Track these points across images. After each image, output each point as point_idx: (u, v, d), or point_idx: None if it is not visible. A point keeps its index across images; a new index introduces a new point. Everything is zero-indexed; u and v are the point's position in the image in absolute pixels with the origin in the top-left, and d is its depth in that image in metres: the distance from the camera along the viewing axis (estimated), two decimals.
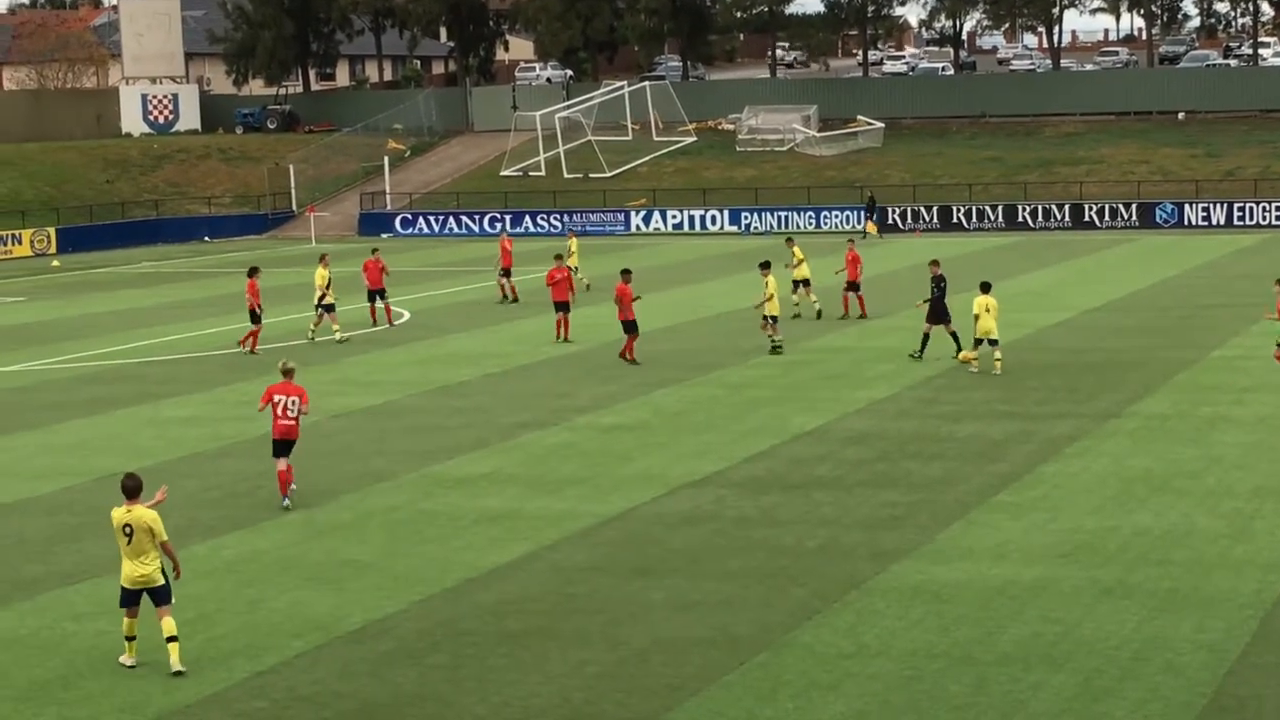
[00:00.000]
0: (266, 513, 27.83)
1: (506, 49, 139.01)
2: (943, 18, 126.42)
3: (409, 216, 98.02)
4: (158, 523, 20.40)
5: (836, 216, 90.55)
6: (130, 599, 20.36)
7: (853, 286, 51.20)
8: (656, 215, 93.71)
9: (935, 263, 43.26)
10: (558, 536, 25.84)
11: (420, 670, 19.92)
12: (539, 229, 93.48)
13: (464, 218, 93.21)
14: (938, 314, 42.11)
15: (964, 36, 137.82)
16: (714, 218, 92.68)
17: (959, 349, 41.42)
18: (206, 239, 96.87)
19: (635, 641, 20.66)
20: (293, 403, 28.02)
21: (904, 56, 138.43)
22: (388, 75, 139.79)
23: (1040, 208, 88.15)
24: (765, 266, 44.58)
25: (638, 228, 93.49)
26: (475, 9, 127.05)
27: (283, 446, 28.22)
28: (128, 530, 20.34)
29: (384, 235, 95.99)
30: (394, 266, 59.04)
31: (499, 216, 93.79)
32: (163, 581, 20.32)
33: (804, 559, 24.18)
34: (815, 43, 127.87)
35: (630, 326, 43.35)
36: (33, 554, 25.78)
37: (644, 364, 42.75)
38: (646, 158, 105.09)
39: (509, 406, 37.50)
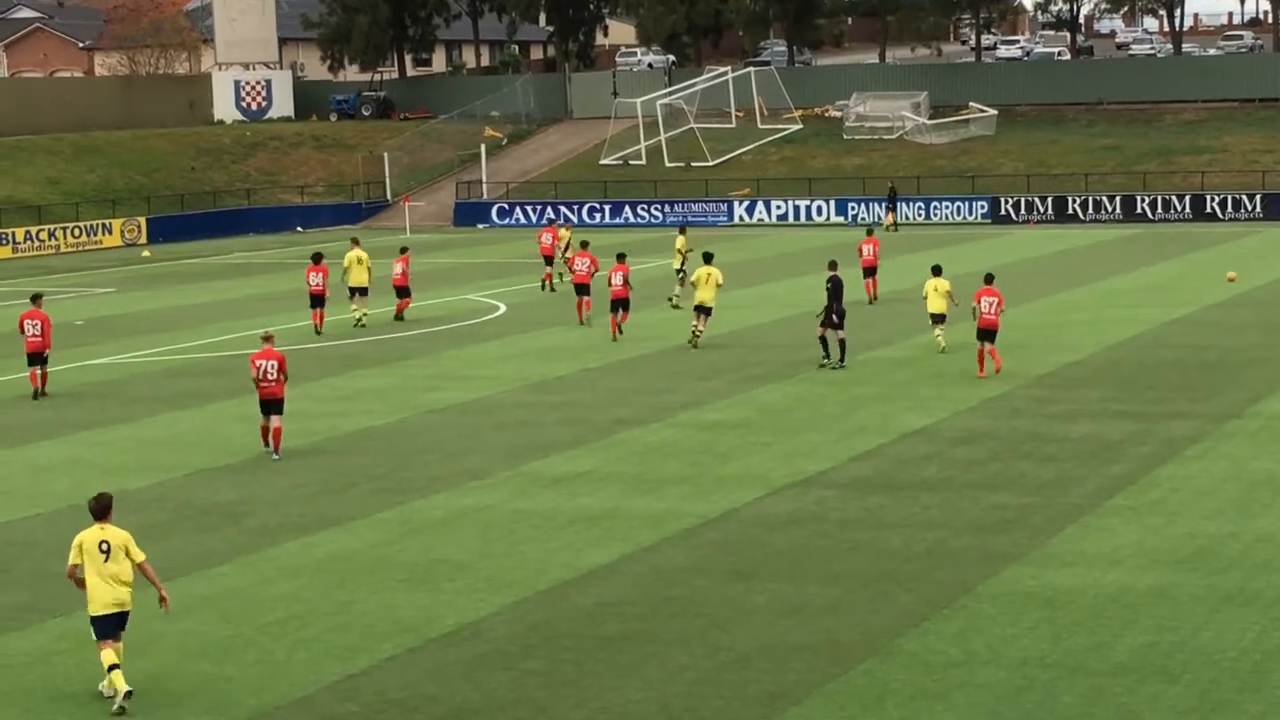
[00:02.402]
0: (360, 510, 28.01)
1: (607, 34, 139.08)
2: (1059, 1, 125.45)
3: (505, 206, 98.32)
4: (132, 541, 19.80)
5: (947, 207, 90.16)
6: (107, 628, 19.47)
7: (871, 271, 54.19)
8: (760, 205, 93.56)
9: (833, 264, 42.77)
10: (657, 538, 25.87)
11: (514, 675, 19.99)
12: (639, 219, 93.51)
13: (562, 208, 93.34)
14: (832, 318, 41.18)
15: (1081, 20, 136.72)
16: (820, 208, 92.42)
17: (841, 359, 41.17)
18: (299, 229, 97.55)
19: (736, 647, 20.66)
20: (272, 366, 32.39)
21: (1018, 41, 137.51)
22: (485, 61, 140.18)
23: (1160, 199, 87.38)
24: (707, 259, 45.99)
25: (741, 218, 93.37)
26: None
27: (269, 405, 32.45)
28: (104, 547, 19.62)
29: (480, 225, 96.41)
30: (490, 257, 59.28)
31: (598, 206, 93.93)
32: (130, 608, 19.72)
33: (911, 563, 24.10)
34: (926, 27, 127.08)
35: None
36: None
37: (748, 360, 42.72)
38: (750, 146, 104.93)
39: (607, 403, 37.58)
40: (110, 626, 19.48)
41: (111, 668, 19.28)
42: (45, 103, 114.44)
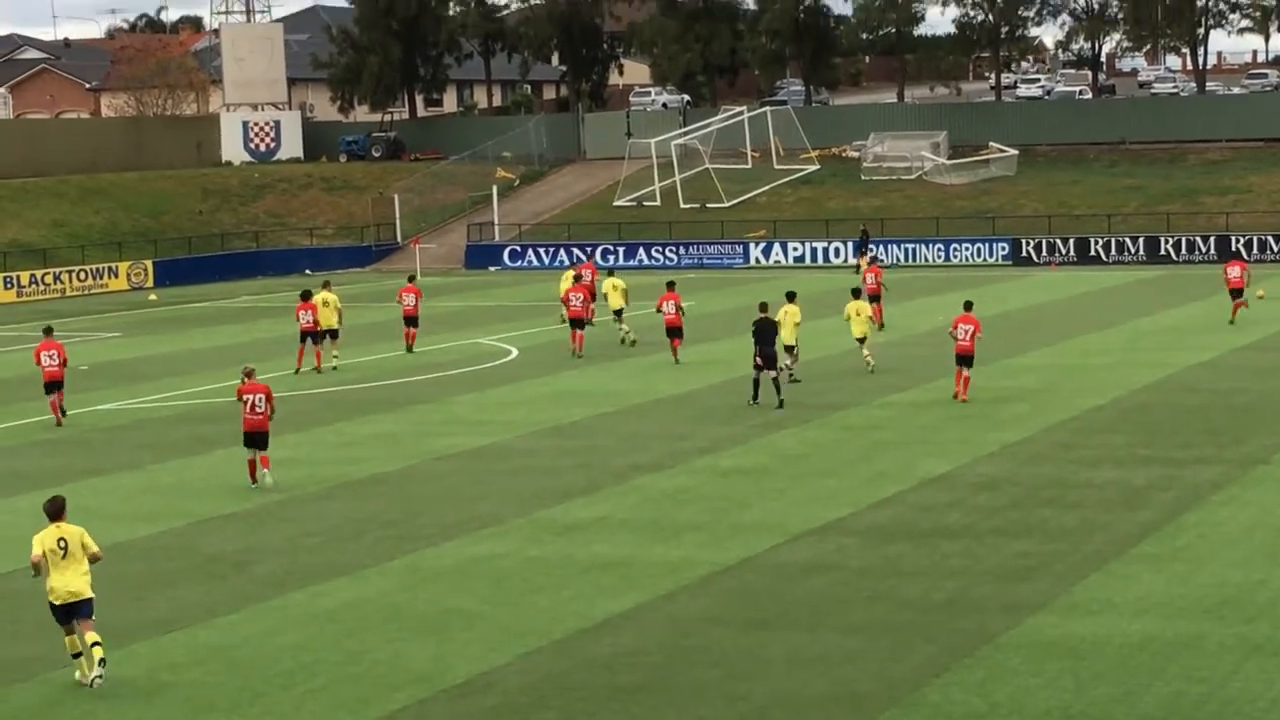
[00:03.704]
0: (370, 559, 28.00)
1: (621, 73, 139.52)
2: (1080, 38, 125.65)
3: (518, 248, 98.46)
4: (87, 535, 22.31)
5: (967, 249, 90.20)
6: (65, 616, 21.88)
7: (874, 298, 56.34)
8: (777, 247, 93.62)
9: (762, 306, 44.22)
10: (673, 586, 25.82)
11: None
12: (654, 261, 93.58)
13: (575, 249, 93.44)
14: (764, 359, 42.50)
15: (1103, 58, 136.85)
16: (837, 250, 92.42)
17: (778, 398, 42.29)
18: (308, 272, 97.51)
19: (754, 697, 20.60)
20: (259, 399, 33.44)
21: (1039, 80, 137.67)
22: (497, 101, 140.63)
23: (1184, 240, 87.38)
24: (790, 297, 46.62)
25: (757, 260, 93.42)
26: (589, 31, 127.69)
27: (254, 439, 33.64)
28: (62, 544, 22.06)
29: (492, 268, 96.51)
30: (502, 300, 59.39)
31: (612, 248, 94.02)
32: (90, 595, 21.95)
33: (932, 612, 24.04)
34: (945, 65, 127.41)
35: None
36: (128, 599, 26.00)
37: (763, 404, 42.66)
38: (767, 187, 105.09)
39: (622, 448, 37.56)
40: (69, 614, 21.80)
41: (76, 655, 21.78)
42: (52, 144, 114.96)
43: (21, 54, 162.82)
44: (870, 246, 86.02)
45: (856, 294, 47.46)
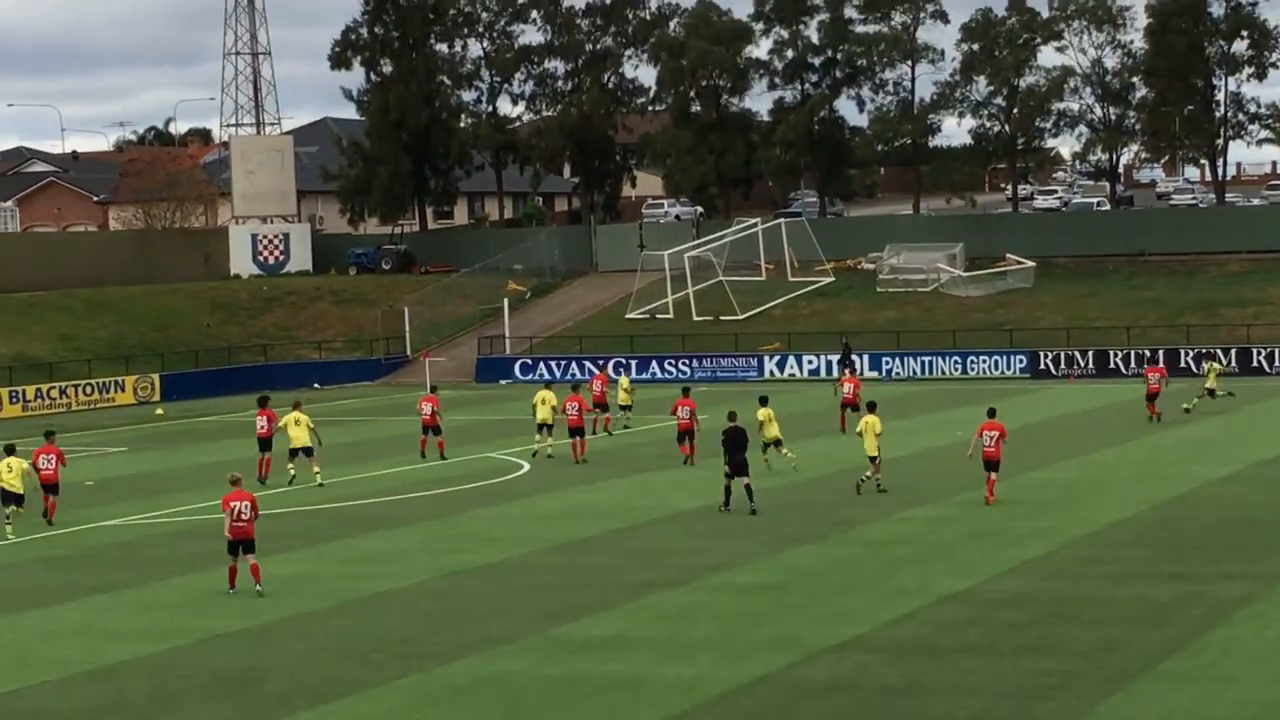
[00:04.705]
0: (379, 677, 27.87)
1: (633, 185, 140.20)
2: (1098, 150, 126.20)
3: (529, 361, 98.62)
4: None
5: (984, 362, 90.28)
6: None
7: (852, 406, 61.33)
8: (791, 360, 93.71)
9: (731, 415, 45.74)
10: (688, 705, 25.68)
11: None
12: (667, 374, 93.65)
13: (587, 362, 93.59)
14: (734, 467, 44.04)
15: (1120, 170, 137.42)
16: (853, 363, 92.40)
17: (750, 503, 43.69)
18: (317, 386, 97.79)
19: None
20: (245, 506, 34.66)
21: (1056, 191, 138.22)
22: (508, 213, 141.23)
23: (1204, 352, 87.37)
24: (870, 408, 47.69)
25: (771, 373, 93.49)
26: (601, 143, 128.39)
27: (238, 546, 34.81)
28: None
29: (503, 381, 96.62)
30: (513, 414, 59.57)
31: (624, 361, 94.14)
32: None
33: None
34: (961, 177, 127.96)
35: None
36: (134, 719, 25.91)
37: (780, 520, 42.65)
38: (781, 299, 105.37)
39: (635, 564, 37.47)
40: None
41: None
42: (59, 257, 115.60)
43: (29, 167, 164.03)
44: (852, 359, 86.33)
45: (872, 408, 47.50)
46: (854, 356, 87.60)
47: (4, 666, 29.47)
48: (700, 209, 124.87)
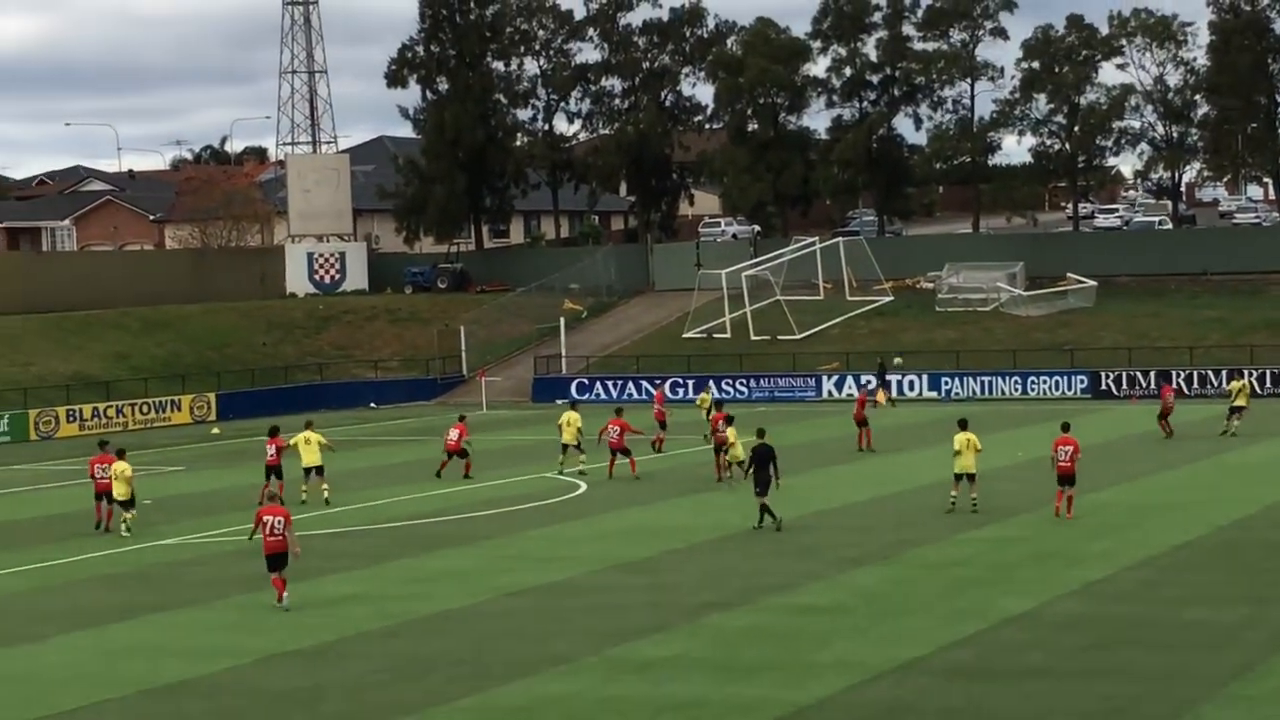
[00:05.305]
0: (438, 697, 27.97)
1: (690, 203, 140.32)
2: (1160, 168, 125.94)
3: (585, 381, 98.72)
4: None
5: (1044, 382, 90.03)
6: None
7: (862, 422, 64.48)
8: (850, 380, 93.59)
9: (760, 432, 46.98)
10: None
11: None
12: (724, 394, 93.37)
13: (644, 382, 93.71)
14: (758, 484, 45.05)
15: (1182, 188, 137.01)
16: (912, 383, 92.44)
17: (775, 520, 44.55)
18: (373, 405, 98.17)
19: None
20: (278, 522, 35.57)
21: (1117, 209, 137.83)
22: (564, 232, 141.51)
23: (1268, 372, 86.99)
24: (963, 425, 47.34)
25: (829, 393, 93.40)
26: (658, 162, 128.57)
27: (275, 561, 35.63)
28: None
29: (560, 401, 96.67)
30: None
31: (681, 381, 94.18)
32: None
33: None
34: (1021, 195, 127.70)
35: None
36: None
37: (840, 541, 42.65)
38: (839, 318, 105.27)
39: (695, 585, 37.49)
40: None
41: None
42: (115, 276, 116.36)
43: (86, 185, 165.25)
44: (887, 379, 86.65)
45: (963, 425, 47.41)
46: (889, 376, 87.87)
47: (63, 685, 29.66)
48: (758, 228, 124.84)
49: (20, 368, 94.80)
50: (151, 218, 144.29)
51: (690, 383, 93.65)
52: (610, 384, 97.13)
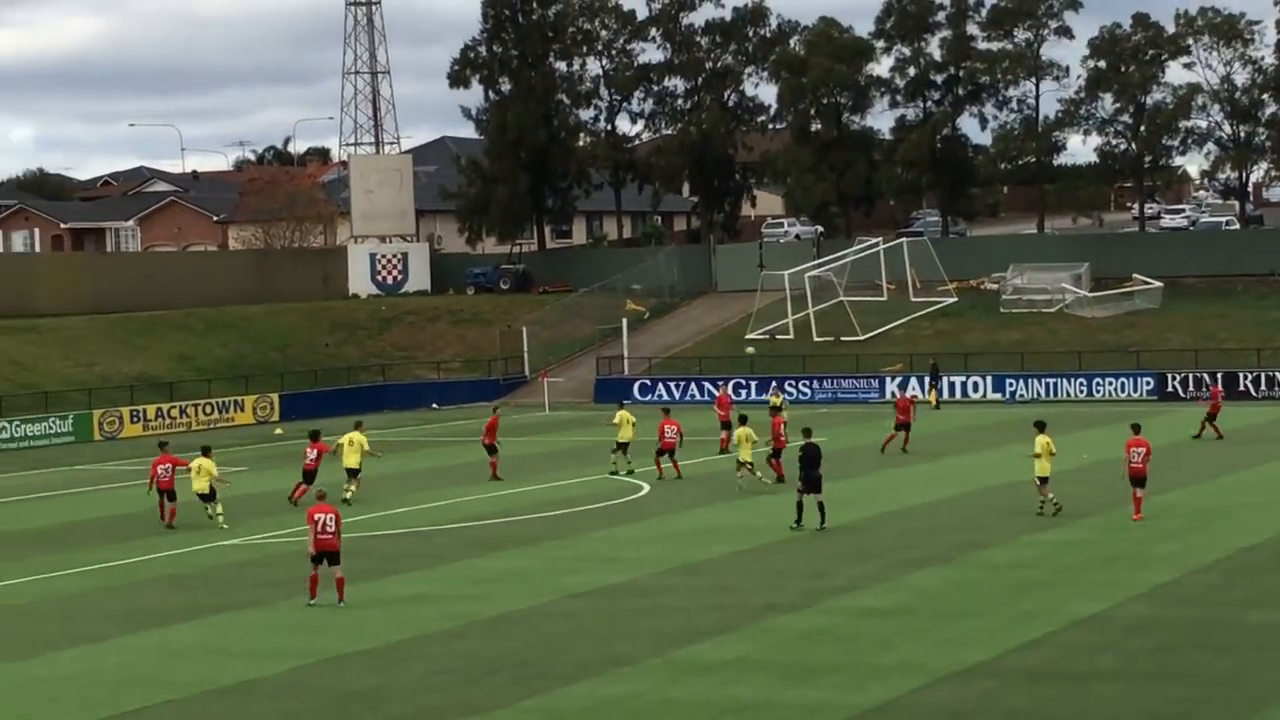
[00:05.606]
0: (502, 698, 27.99)
1: (753, 204, 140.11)
2: (1227, 168, 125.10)
3: (648, 382, 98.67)
4: None
5: (1110, 384, 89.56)
6: None
7: (904, 426, 64.56)
8: (913, 381, 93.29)
9: (806, 432, 47.07)
10: None
11: None
12: (787, 395, 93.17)
13: (706, 383, 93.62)
14: (807, 483, 45.17)
15: (1249, 188, 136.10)
16: (976, 384, 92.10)
17: (820, 519, 44.88)
18: (435, 406, 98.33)
19: None
20: (330, 519, 36.11)
21: (1183, 210, 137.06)
22: (627, 232, 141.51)
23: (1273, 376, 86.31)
24: (1040, 426, 47.01)
25: (893, 394, 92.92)
26: (721, 162, 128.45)
27: (323, 557, 36.17)
28: None
29: (624, 402, 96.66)
30: (636, 435, 59.65)
31: (744, 382, 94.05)
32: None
33: None
34: (1086, 196, 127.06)
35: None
36: None
37: (903, 543, 42.54)
38: (903, 319, 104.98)
39: (758, 587, 37.45)
40: None
41: None
42: (179, 277, 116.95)
43: (150, 186, 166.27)
44: (939, 379, 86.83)
45: (1041, 427, 47.36)
46: (941, 376, 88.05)
47: (127, 686, 29.80)
48: (821, 228, 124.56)
49: (85, 368, 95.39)
50: (215, 218, 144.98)
51: (753, 384, 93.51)
52: (672, 385, 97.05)
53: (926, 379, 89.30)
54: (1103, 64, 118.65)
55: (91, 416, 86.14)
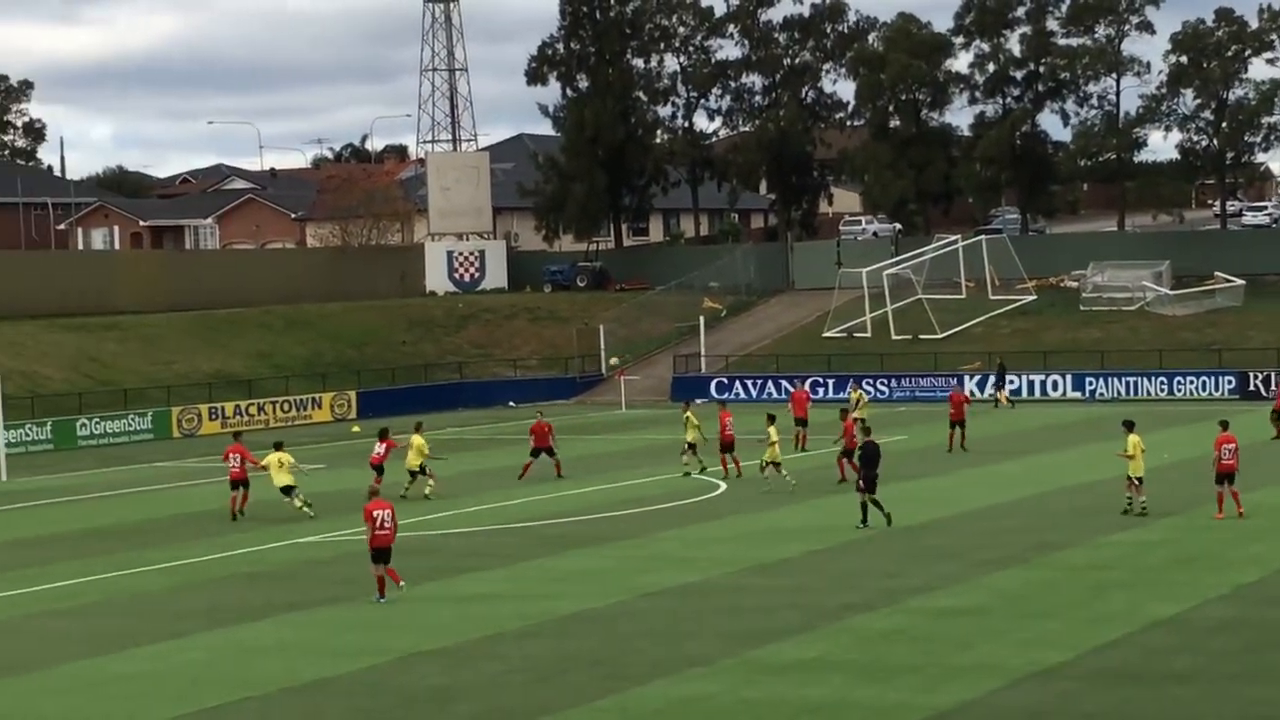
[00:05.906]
0: (576, 698, 27.94)
1: (830, 201, 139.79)
2: None
3: (725, 380, 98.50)
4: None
5: (1191, 383, 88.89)
6: None
7: (958, 424, 64.65)
8: (992, 379, 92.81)
9: (866, 430, 47.40)
10: None
11: None
12: (865, 394, 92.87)
13: (783, 382, 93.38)
14: (866, 482, 45.22)
15: None
16: (1055, 383, 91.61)
17: (884, 516, 44.89)
18: (511, 404, 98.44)
19: None
20: (387, 515, 36.46)
21: (1266, 207, 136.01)
22: (704, 230, 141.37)
23: None
24: (1129, 426, 46.68)
25: (971, 393, 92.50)
26: (799, 159, 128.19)
27: (382, 554, 36.50)
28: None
29: (699, 400, 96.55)
30: (709, 433, 59.49)
31: (821, 380, 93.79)
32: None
33: None
34: (1167, 193, 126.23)
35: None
36: None
37: (980, 543, 42.30)
38: (981, 317, 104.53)
39: (834, 586, 37.30)
40: None
41: None
42: (257, 274, 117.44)
43: (229, 184, 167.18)
44: (1006, 378, 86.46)
45: (1130, 427, 46.82)
46: (1009, 376, 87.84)
47: (204, 684, 29.89)
48: (899, 226, 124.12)
49: (163, 366, 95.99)
50: (293, 216, 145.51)
51: (830, 381, 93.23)
52: (750, 383, 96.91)
53: (992, 377, 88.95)
54: (1184, 59, 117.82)
55: (170, 414, 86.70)
